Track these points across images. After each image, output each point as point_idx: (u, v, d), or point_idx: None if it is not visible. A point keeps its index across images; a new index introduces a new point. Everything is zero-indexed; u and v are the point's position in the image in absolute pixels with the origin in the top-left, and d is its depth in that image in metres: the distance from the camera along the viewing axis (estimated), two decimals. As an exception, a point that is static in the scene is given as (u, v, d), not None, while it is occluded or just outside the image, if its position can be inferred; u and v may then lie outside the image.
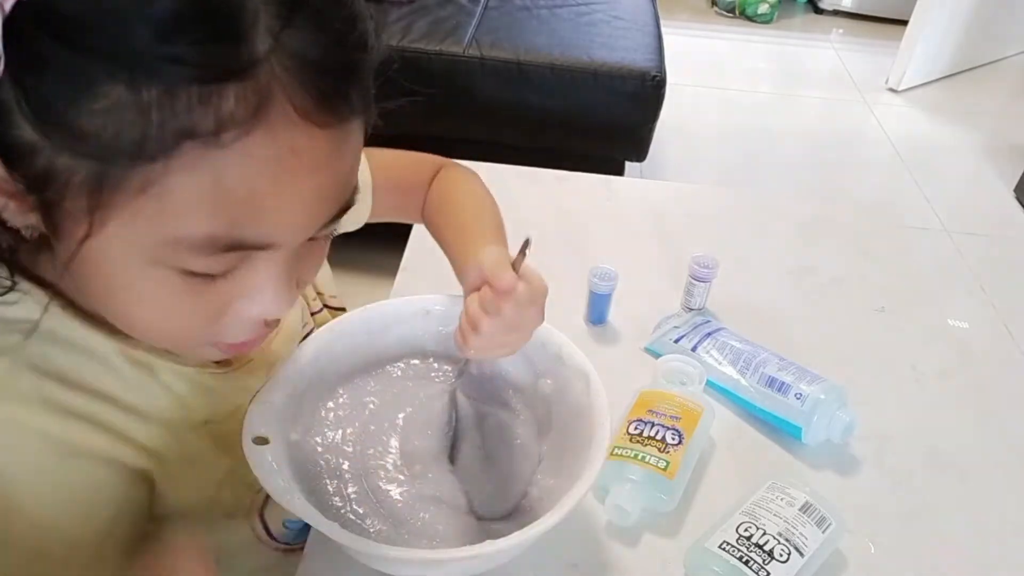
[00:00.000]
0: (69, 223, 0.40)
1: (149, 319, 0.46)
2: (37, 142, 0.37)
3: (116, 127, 0.36)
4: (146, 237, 0.40)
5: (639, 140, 1.83)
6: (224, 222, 0.39)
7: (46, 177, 0.38)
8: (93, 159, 0.37)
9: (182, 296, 0.43)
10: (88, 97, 0.35)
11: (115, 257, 0.41)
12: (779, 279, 0.97)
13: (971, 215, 2.48)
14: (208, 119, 0.36)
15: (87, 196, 0.38)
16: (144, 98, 0.35)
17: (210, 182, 0.38)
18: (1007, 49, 3.43)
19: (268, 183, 0.39)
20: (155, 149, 0.36)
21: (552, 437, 0.65)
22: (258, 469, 0.52)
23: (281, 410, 0.59)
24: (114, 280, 0.43)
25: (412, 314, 0.68)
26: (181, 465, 0.57)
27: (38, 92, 0.36)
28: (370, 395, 0.66)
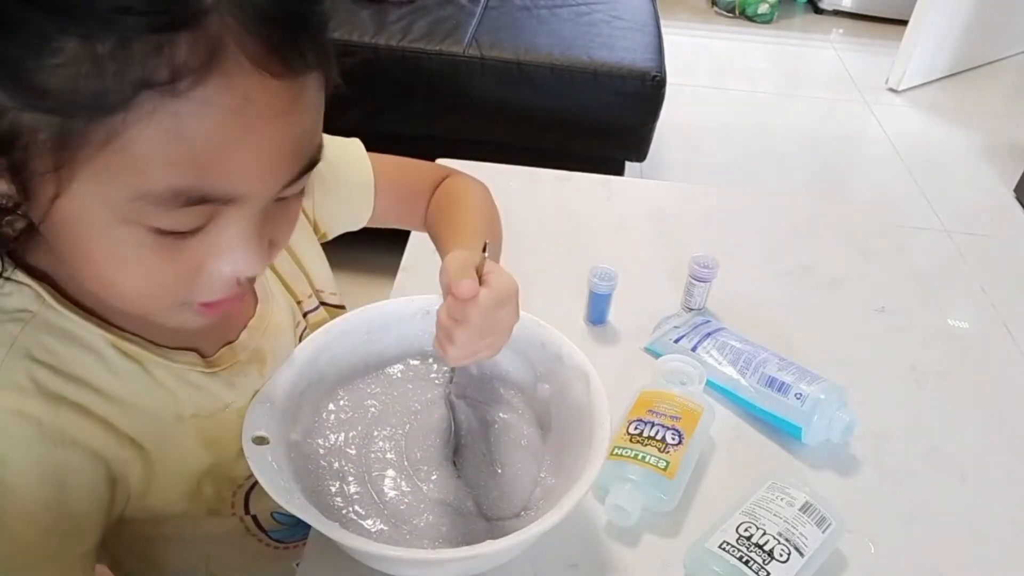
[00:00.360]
0: (37, 184, 0.41)
1: (124, 281, 0.46)
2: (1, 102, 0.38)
3: (74, 81, 0.37)
4: (113, 193, 0.40)
5: (639, 140, 1.83)
6: (187, 174, 0.40)
7: (11, 136, 0.39)
8: (54, 114, 0.38)
9: (154, 255, 0.44)
10: (45, 53, 0.36)
11: (85, 217, 0.42)
12: (779, 279, 0.97)
13: (971, 215, 2.48)
14: (163, 68, 0.37)
15: (52, 153, 0.39)
16: (98, 50, 0.36)
17: (170, 132, 0.38)
18: (1007, 49, 3.43)
19: (227, 133, 0.40)
20: (114, 101, 0.37)
21: (552, 437, 0.65)
22: (258, 469, 0.52)
23: (281, 410, 0.59)
24: (87, 242, 0.44)
25: (412, 314, 0.68)
26: (164, 456, 0.57)
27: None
28: (371, 397, 0.67)
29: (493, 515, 0.60)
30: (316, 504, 0.55)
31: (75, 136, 0.38)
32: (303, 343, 0.64)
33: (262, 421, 0.56)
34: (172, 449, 0.57)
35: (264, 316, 0.63)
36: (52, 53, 0.36)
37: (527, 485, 0.62)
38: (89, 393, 0.52)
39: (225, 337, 0.60)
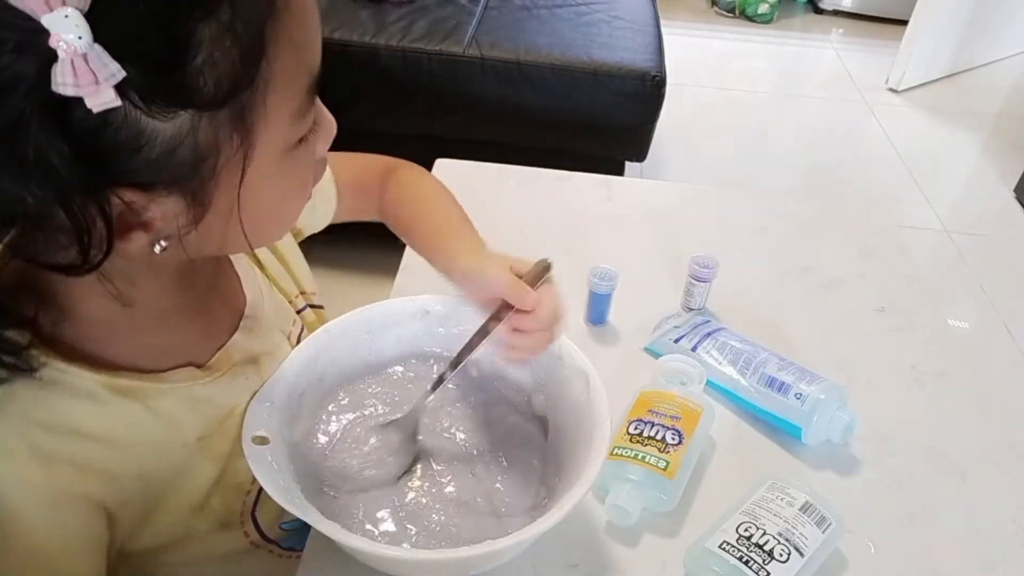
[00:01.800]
0: (224, 182, 0.44)
1: (292, 208, 0.52)
2: (176, 134, 0.40)
3: (224, 60, 0.39)
4: (280, 133, 0.45)
5: (639, 140, 1.83)
6: (306, 72, 0.46)
7: (195, 159, 0.41)
8: (226, 104, 0.41)
9: (305, 166, 0.50)
10: (191, 52, 0.38)
11: (263, 175, 0.46)
12: (779, 279, 0.97)
13: (971, 215, 2.48)
14: (261, 4, 0.41)
15: (236, 137, 0.42)
16: (224, 20, 0.39)
17: (290, 46, 0.43)
18: (1007, 49, 3.43)
19: (309, 17, 0.45)
20: (255, 54, 0.41)
21: (552, 437, 0.65)
22: (258, 469, 0.52)
23: (281, 410, 0.59)
24: (261, 198, 0.47)
25: (411, 314, 0.68)
26: (169, 481, 0.56)
27: (155, 77, 0.38)
28: (371, 397, 0.67)
29: (505, 512, 0.60)
30: (317, 505, 0.55)
31: (247, 108, 0.42)
32: (303, 343, 0.64)
33: (262, 421, 0.56)
34: (179, 476, 0.57)
35: (255, 315, 0.63)
36: (195, 51, 0.38)
37: (535, 482, 0.62)
38: (86, 444, 0.50)
39: (215, 341, 0.59)
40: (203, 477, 0.59)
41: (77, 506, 0.51)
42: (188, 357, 0.57)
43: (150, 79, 0.37)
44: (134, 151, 0.39)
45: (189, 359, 0.57)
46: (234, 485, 0.61)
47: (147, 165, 0.40)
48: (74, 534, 0.51)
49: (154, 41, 0.37)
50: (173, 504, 0.57)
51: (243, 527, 0.64)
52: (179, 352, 0.57)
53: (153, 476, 0.55)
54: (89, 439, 0.51)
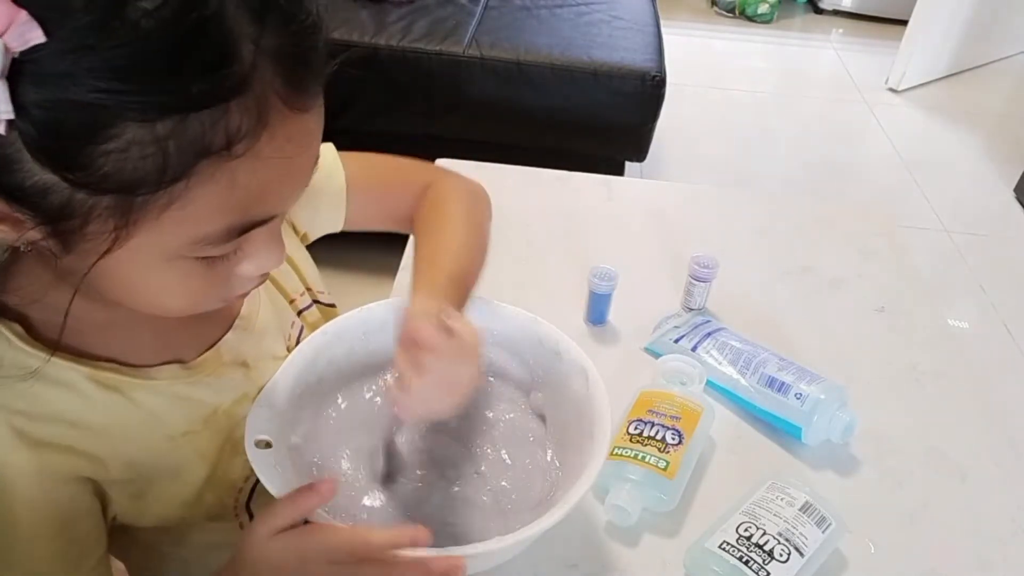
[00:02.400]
0: (88, 243, 0.41)
1: (171, 303, 0.49)
2: (53, 184, 0.38)
3: (136, 162, 0.37)
4: (169, 242, 0.43)
5: (639, 140, 1.83)
6: (238, 214, 0.43)
7: (63, 212, 0.39)
8: (115, 193, 0.39)
9: (199, 277, 0.47)
10: (103, 139, 0.36)
11: (135, 261, 0.43)
12: (779, 279, 0.97)
13: (971, 215, 2.48)
14: (220, 136, 0.38)
15: (112, 221, 0.40)
16: (158, 131, 0.37)
17: (226, 186, 0.40)
18: (1007, 49, 3.42)
19: (274, 174, 0.43)
20: (176, 173, 0.38)
21: (553, 433, 0.65)
22: (263, 473, 0.52)
23: (281, 413, 0.59)
24: (133, 281, 0.46)
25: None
26: (161, 476, 0.57)
27: (48, 139, 0.37)
28: (370, 398, 0.67)
29: (512, 508, 0.60)
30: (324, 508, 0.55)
31: (136, 207, 0.39)
32: (301, 345, 0.64)
33: (263, 425, 0.56)
34: (167, 470, 0.57)
35: (250, 316, 0.63)
36: (110, 139, 0.37)
37: (539, 479, 0.62)
38: (71, 430, 0.52)
39: (206, 340, 0.59)
40: (194, 475, 0.59)
41: (68, 482, 0.52)
42: (175, 354, 0.57)
43: (44, 138, 0.36)
44: (7, 171, 0.38)
45: (176, 356, 0.57)
46: (227, 483, 0.62)
47: (17, 187, 0.38)
48: (69, 505, 0.53)
49: (71, 114, 0.36)
50: (164, 496, 0.58)
51: (238, 519, 0.64)
52: (165, 349, 0.57)
53: (140, 464, 0.56)
54: (73, 426, 0.52)
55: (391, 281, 0.89)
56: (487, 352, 0.68)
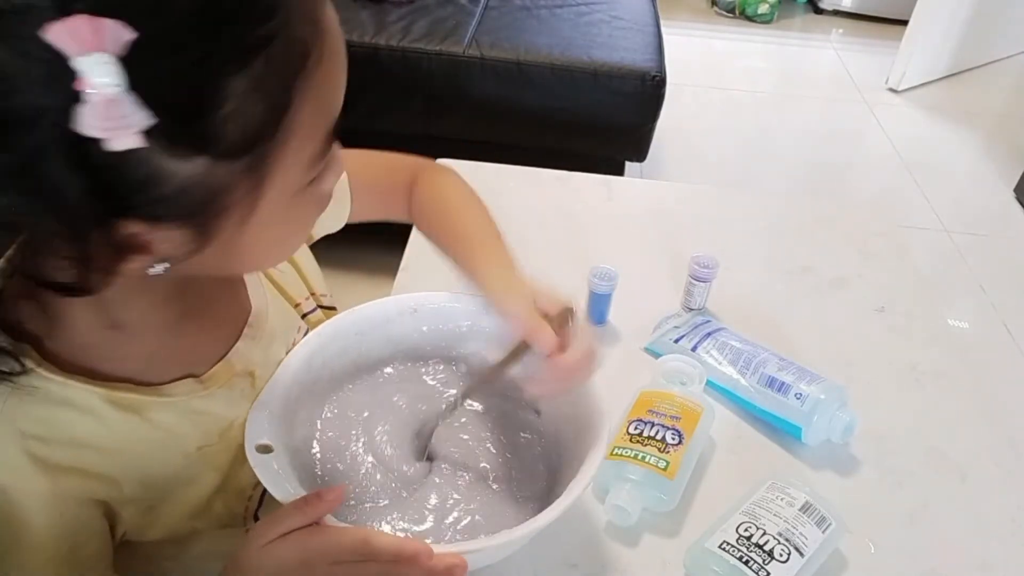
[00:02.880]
0: (230, 219, 0.44)
1: (295, 241, 0.54)
2: (192, 176, 0.40)
3: (251, 111, 0.40)
4: (291, 179, 0.45)
5: (639, 140, 1.83)
6: (326, 117, 0.46)
7: (206, 199, 0.41)
8: (247, 152, 0.41)
9: (311, 205, 0.51)
10: (219, 103, 0.38)
11: (269, 216, 0.46)
12: (779, 279, 0.97)
13: (971, 215, 2.48)
14: (297, 58, 0.41)
15: (249, 181, 0.42)
16: (256, 74, 0.39)
17: (315, 96, 0.43)
18: (1007, 49, 3.42)
19: (334, 67, 0.45)
20: (281, 106, 0.41)
21: (552, 429, 0.65)
22: (265, 478, 0.52)
23: (279, 417, 0.59)
24: (267, 237, 0.48)
25: (399, 313, 0.68)
26: (170, 490, 0.57)
27: (180, 124, 0.38)
28: (364, 397, 0.67)
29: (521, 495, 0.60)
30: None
31: (264, 157, 0.42)
32: (296, 347, 0.63)
33: (263, 429, 0.56)
34: (181, 482, 0.57)
35: (260, 324, 0.63)
36: (222, 102, 0.38)
37: (541, 475, 0.62)
38: (87, 453, 0.51)
39: (217, 352, 0.59)
40: (205, 485, 0.59)
41: (80, 505, 0.52)
42: (188, 368, 0.57)
43: (176, 126, 0.38)
44: (148, 188, 0.39)
45: (189, 370, 0.57)
46: (236, 490, 0.62)
47: (158, 201, 0.40)
48: (79, 527, 0.53)
49: (185, 92, 0.37)
50: (175, 507, 0.58)
51: (246, 525, 0.64)
52: (179, 363, 0.57)
53: (154, 482, 0.55)
54: (89, 448, 0.51)
55: (391, 281, 0.89)
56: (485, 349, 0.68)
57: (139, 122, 0.36)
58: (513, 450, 0.64)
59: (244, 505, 0.63)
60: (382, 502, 0.59)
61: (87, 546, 0.54)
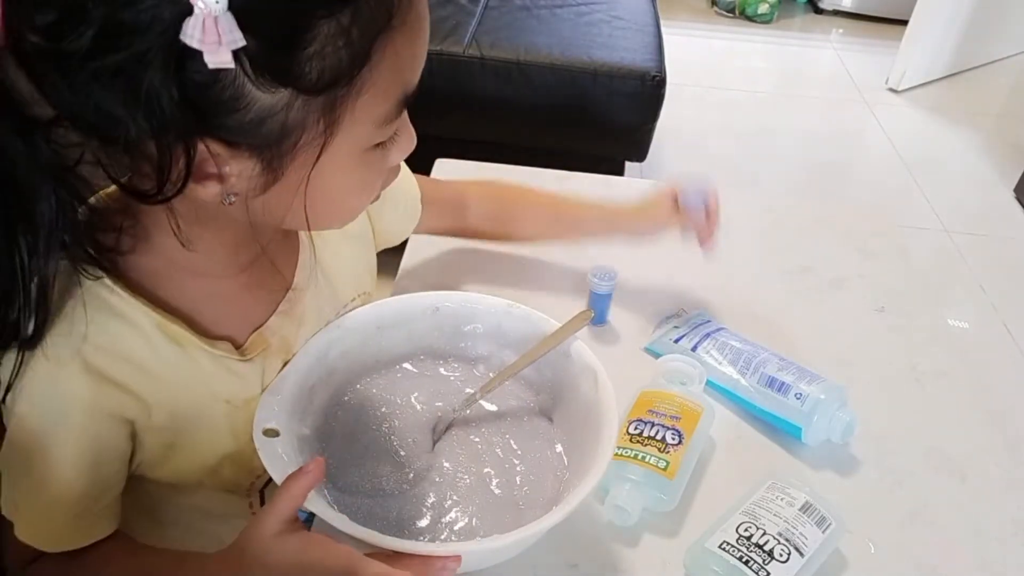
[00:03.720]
0: (298, 160, 0.47)
1: (358, 203, 0.56)
2: (271, 107, 0.43)
3: (334, 56, 0.43)
4: (361, 133, 0.48)
5: (639, 140, 1.83)
6: (402, 85, 0.49)
7: (281, 132, 0.45)
8: (324, 92, 0.44)
9: (373, 169, 0.53)
10: (307, 42, 0.42)
11: (336, 166, 0.49)
12: (779, 279, 0.96)
13: (971, 215, 2.48)
14: (383, 14, 0.44)
15: (322, 124, 0.46)
16: (343, 22, 0.43)
17: (394, 59, 0.46)
18: (1007, 49, 3.42)
19: (419, 38, 0.48)
20: (362, 58, 0.44)
21: (561, 433, 0.66)
22: (268, 461, 0.53)
23: (292, 403, 0.59)
24: (333, 187, 0.51)
25: (422, 311, 0.69)
26: (193, 433, 0.59)
27: (268, 54, 0.41)
28: (381, 392, 0.67)
29: (524, 504, 0.60)
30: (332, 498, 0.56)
31: (339, 102, 0.45)
32: (314, 336, 0.64)
33: (272, 414, 0.57)
34: (201, 428, 0.59)
35: (295, 302, 0.64)
36: (311, 42, 0.42)
37: (550, 476, 0.62)
38: (132, 370, 0.54)
39: (253, 322, 0.62)
40: (222, 446, 0.61)
41: (113, 420, 0.55)
42: (228, 332, 0.60)
43: (265, 54, 0.41)
44: (232, 111, 0.43)
45: (229, 334, 0.60)
46: (246, 463, 0.63)
47: (239, 126, 0.43)
48: (106, 443, 0.55)
49: (279, 23, 0.41)
50: (190, 451, 0.60)
51: (249, 498, 0.66)
52: (222, 324, 0.59)
53: (181, 416, 0.58)
54: (135, 366, 0.54)
55: (391, 281, 0.89)
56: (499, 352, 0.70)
57: (233, 41, 0.39)
58: (522, 455, 0.64)
59: (251, 480, 0.65)
60: (383, 494, 0.59)
61: (108, 464, 0.56)
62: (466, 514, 0.59)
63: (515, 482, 0.61)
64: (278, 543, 0.51)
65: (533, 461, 0.63)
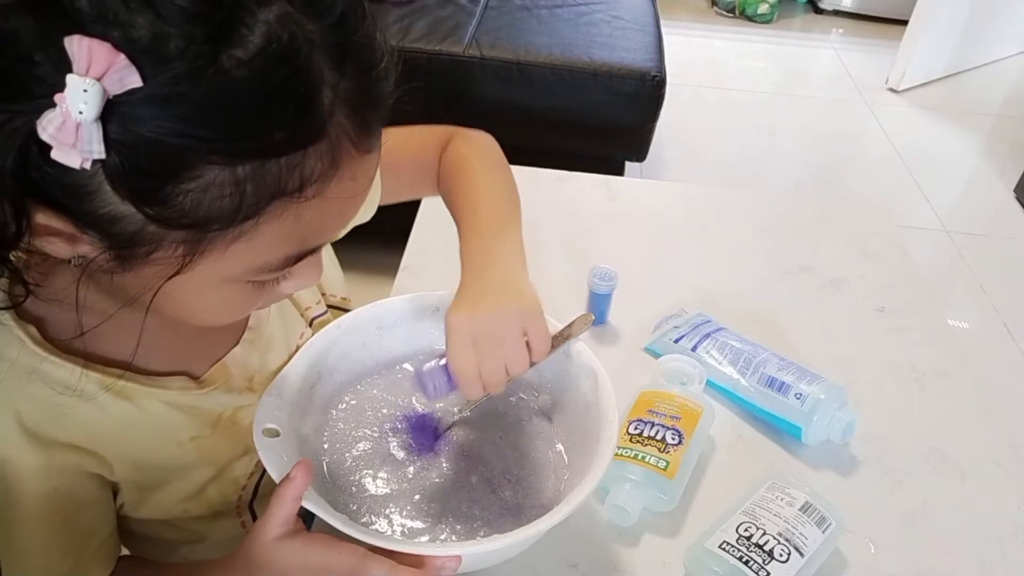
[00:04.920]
0: (150, 268, 0.42)
1: (217, 319, 0.51)
2: (128, 215, 0.39)
3: (213, 201, 0.38)
4: (229, 269, 0.44)
5: (639, 140, 1.83)
6: (297, 245, 0.45)
7: (132, 239, 0.40)
8: (189, 228, 0.39)
9: (247, 296, 0.49)
10: (184, 179, 0.37)
11: (192, 285, 0.44)
12: (779, 279, 0.97)
13: (971, 215, 2.48)
14: (295, 180, 0.40)
15: (181, 251, 0.41)
16: (239, 174, 0.38)
17: (292, 223, 0.42)
18: (1007, 49, 3.42)
19: (336, 210, 0.44)
20: (249, 212, 0.40)
21: (561, 433, 0.65)
22: (268, 462, 0.52)
23: (292, 403, 0.59)
24: (186, 300, 0.47)
25: (421, 312, 0.69)
26: (164, 476, 0.58)
27: (132, 176, 0.37)
28: (381, 392, 0.67)
29: (524, 504, 0.60)
30: (330, 500, 0.56)
31: (206, 241, 0.41)
32: (314, 337, 0.64)
33: (272, 414, 0.57)
34: (173, 471, 0.58)
35: (258, 329, 0.63)
36: (192, 179, 0.37)
37: (551, 477, 0.62)
38: (81, 432, 0.53)
39: (214, 354, 0.60)
40: (199, 474, 0.60)
41: (75, 478, 0.54)
42: (184, 365, 0.58)
43: (128, 175, 0.37)
44: (83, 200, 0.38)
45: (185, 367, 0.58)
46: (231, 479, 0.63)
47: (88, 214, 0.39)
48: (74, 499, 0.54)
49: (156, 154, 0.37)
50: (169, 492, 0.59)
51: (240, 517, 0.65)
52: (177, 359, 0.57)
53: (147, 467, 0.57)
54: (83, 429, 0.53)
55: (391, 281, 0.89)
56: None
57: (89, 152, 0.35)
58: (523, 456, 0.64)
59: (238, 494, 0.64)
60: (383, 494, 0.59)
61: (82, 516, 0.55)
62: (466, 514, 0.59)
63: (515, 482, 0.61)
64: (280, 545, 0.50)
65: (533, 461, 0.63)
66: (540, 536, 0.55)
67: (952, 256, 2.30)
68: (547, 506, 0.60)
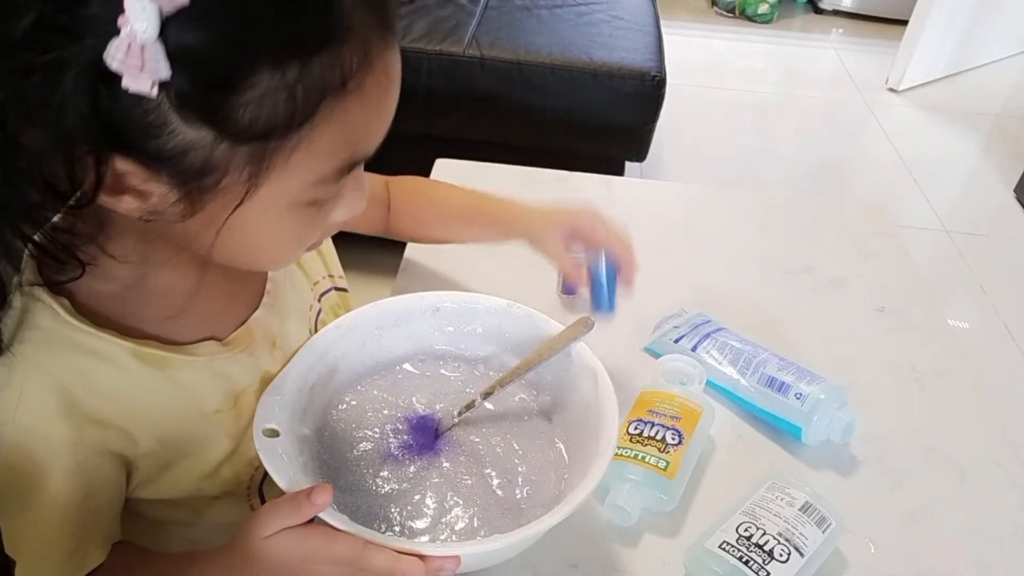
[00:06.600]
0: (219, 199, 0.45)
1: (280, 254, 0.54)
2: (196, 141, 0.41)
3: (271, 108, 0.41)
4: (292, 188, 0.46)
5: (639, 140, 1.83)
6: (349, 150, 0.47)
7: (203, 168, 0.43)
8: (254, 141, 0.42)
9: (307, 224, 0.51)
10: (243, 88, 0.40)
11: (259, 214, 0.47)
12: (779, 279, 0.96)
13: (971, 215, 2.48)
14: (336, 76, 0.43)
15: (248, 170, 0.44)
16: (288, 78, 0.41)
17: (342, 123, 0.45)
18: (1007, 49, 3.42)
19: (375, 107, 0.47)
20: (303, 116, 0.42)
21: (561, 433, 0.65)
22: (268, 461, 0.53)
23: (292, 403, 0.60)
24: (253, 235, 0.49)
25: (421, 311, 0.69)
26: (185, 450, 0.59)
27: (196, 94, 0.40)
28: (381, 392, 0.67)
29: (526, 505, 0.60)
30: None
31: (270, 153, 0.43)
32: (314, 337, 0.64)
33: (273, 413, 0.57)
34: (195, 444, 0.59)
35: (276, 293, 0.64)
36: (248, 88, 0.40)
37: (552, 476, 0.62)
38: (110, 405, 0.53)
39: (237, 318, 0.61)
40: (217, 449, 0.61)
41: (99, 456, 0.54)
42: (211, 331, 0.59)
43: (194, 91, 0.40)
44: (153, 136, 0.41)
45: (212, 333, 0.59)
46: (245, 459, 0.63)
47: (159, 152, 0.42)
48: (95, 478, 0.55)
49: (216, 65, 0.40)
50: (186, 467, 0.60)
51: (249, 500, 0.66)
52: (202, 325, 0.59)
53: (171, 440, 0.57)
54: (113, 401, 0.53)
55: (391, 281, 0.89)
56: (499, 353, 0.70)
57: (156, 72, 0.38)
58: (522, 456, 0.64)
59: (251, 474, 0.64)
60: (383, 494, 0.60)
61: (99, 495, 0.56)
62: (466, 514, 0.59)
63: (516, 482, 0.61)
64: (279, 538, 0.51)
65: (534, 461, 0.63)
66: (540, 536, 0.55)
67: (952, 256, 2.30)
68: (547, 506, 0.59)
